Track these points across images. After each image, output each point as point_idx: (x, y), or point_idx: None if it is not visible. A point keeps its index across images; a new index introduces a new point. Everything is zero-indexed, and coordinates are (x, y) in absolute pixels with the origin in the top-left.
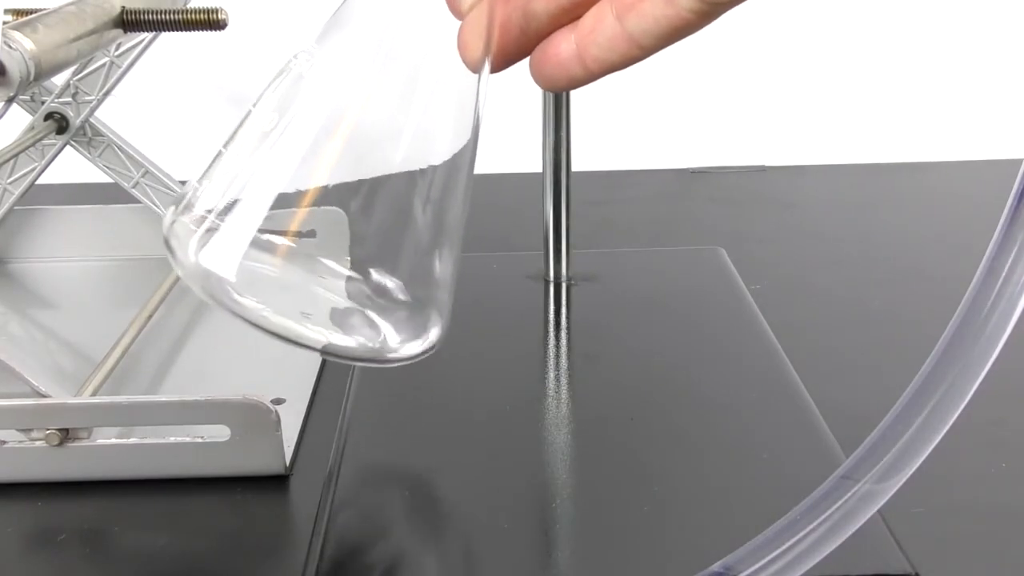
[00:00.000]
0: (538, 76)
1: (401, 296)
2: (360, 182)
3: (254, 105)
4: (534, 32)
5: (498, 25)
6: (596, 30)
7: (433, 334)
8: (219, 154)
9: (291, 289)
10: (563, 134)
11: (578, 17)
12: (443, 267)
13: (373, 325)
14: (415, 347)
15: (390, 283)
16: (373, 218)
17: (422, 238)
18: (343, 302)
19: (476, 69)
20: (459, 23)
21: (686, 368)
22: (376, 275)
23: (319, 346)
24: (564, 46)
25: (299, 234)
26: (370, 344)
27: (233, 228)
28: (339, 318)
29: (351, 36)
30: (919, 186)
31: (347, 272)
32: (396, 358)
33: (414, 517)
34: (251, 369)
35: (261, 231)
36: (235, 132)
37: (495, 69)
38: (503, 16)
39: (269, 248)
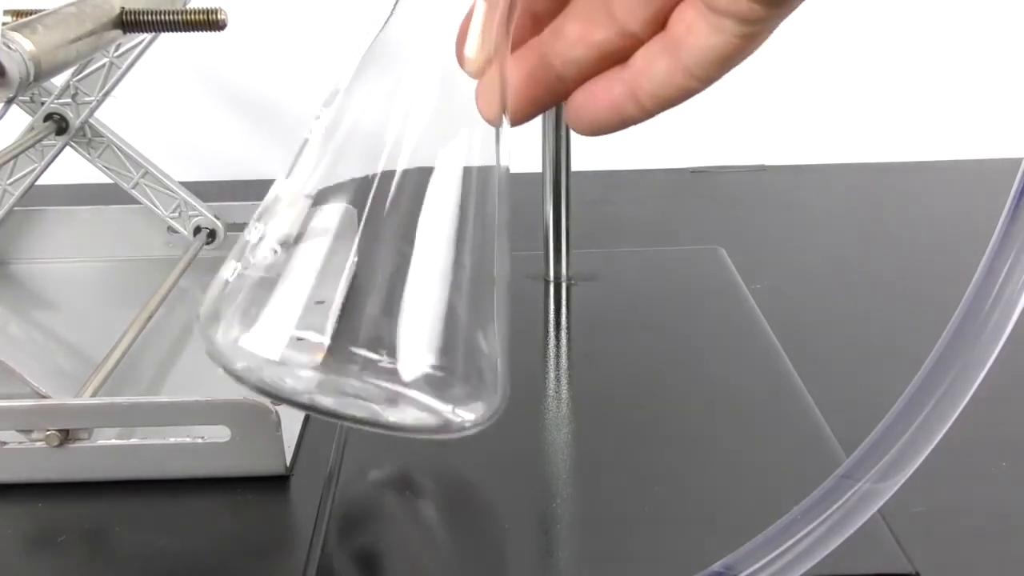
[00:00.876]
0: (582, 120)
1: (450, 374)
2: (393, 259)
3: (280, 191)
4: (573, 78)
5: (512, 80)
6: (651, 65)
7: (491, 403)
8: (252, 241)
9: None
10: (563, 134)
11: (619, 60)
12: (489, 337)
13: (424, 401)
14: (475, 414)
15: (436, 360)
16: (412, 296)
17: (465, 310)
18: (392, 388)
19: (496, 124)
20: (476, 82)
21: (686, 368)
22: (422, 356)
23: (375, 422)
24: (616, 87)
25: (336, 333)
26: (422, 418)
27: (270, 323)
28: (388, 396)
29: (368, 103)
30: (919, 186)
31: (391, 363)
32: (458, 425)
33: (414, 517)
34: None
35: (298, 328)
36: (265, 211)
37: (522, 119)
38: (526, 68)
39: (307, 349)
